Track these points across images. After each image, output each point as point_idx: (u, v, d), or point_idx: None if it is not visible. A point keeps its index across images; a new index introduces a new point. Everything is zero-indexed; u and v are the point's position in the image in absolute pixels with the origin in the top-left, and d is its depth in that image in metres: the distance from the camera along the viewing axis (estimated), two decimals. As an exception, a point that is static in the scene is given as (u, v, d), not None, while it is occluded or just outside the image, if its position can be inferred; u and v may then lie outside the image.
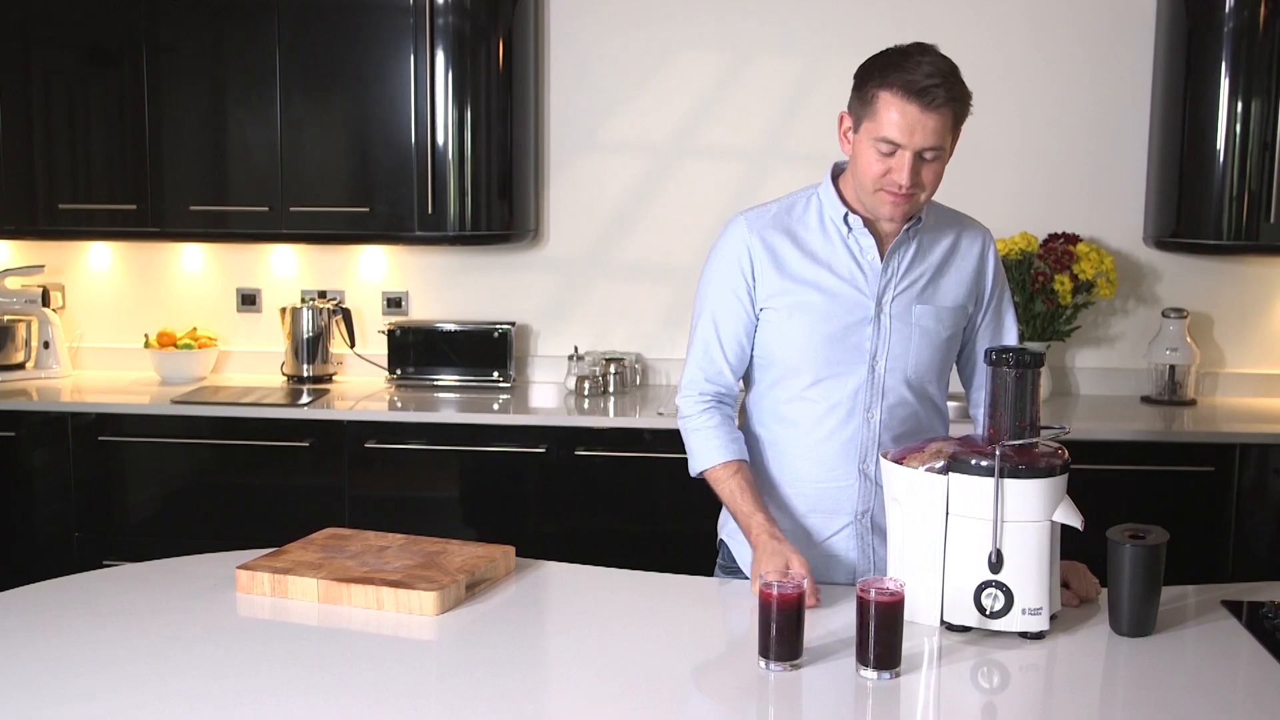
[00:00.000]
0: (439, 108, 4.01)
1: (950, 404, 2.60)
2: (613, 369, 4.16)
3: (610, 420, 3.85)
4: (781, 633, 1.91)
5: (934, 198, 2.44)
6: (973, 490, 2.02)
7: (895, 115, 2.17)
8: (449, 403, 4.03)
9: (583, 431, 3.82)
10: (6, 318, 4.36)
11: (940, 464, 2.05)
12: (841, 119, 2.32)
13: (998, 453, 2.00)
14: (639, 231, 4.34)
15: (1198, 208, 3.91)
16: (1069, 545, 2.15)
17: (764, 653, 1.93)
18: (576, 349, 4.25)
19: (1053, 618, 2.10)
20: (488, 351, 4.25)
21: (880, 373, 2.33)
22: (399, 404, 4.03)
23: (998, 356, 2.06)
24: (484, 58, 4.08)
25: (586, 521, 3.85)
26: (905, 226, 2.31)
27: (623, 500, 3.85)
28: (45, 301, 4.37)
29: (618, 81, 4.29)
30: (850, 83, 4.25)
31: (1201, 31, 3.87)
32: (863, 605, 1.90)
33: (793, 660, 1.92)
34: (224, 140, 4.13)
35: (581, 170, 4.35)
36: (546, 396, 4.17)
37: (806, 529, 2.36)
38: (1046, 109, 4.16)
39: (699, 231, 4.28)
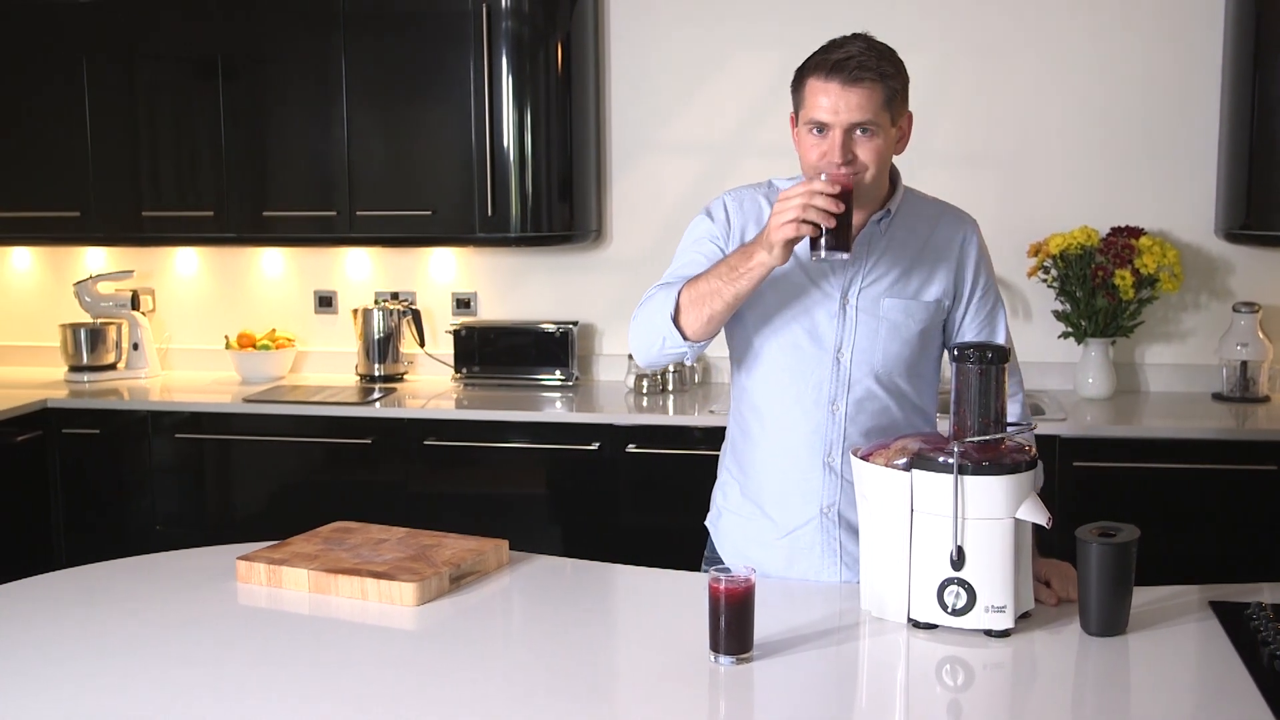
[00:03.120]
0: (499, 111, 4.09)
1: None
2: (671, 367, 4.20)
3: (661, 418, 3.89)
4: (730, 626, 1.93)
5: (929, 190, 2.43)
6: (935, 487, 2.01)
7: (820, 96, 2.19)
8: (510, 401, 4.11)
9: (635, 429, 3.87)
10: (99, 321, 4.57)
11: (904, 461, 2.04)
12: (791, 121, 2.31)
13: (956, 449, 1.99)
14: (700, 230, 4.36)
15: (1269, 198, 3.79)
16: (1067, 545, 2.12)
17: (714, 646, 1.95)
18: (636, 347, 4.28)
19: (1025, 616, 2.08)
20: (551, 350, 4.32)
21: (846, 365, 2.30)
22: (465, 403, 4.12)
23: (960, 352, 2.04)
24: (543, 61, 4.15)
25: (637, 518, 3.89)
26: (875, 218, 2.30)
27: (672, 497, 3.87)
28: (135, 305, 4.58)
29: (677, 82, 4.33)
30: (912, 75, 4.24)
31: (1271, 15, 3.74)
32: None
33: (742, 654, 1.94)
34: (293, 147, 4.28)
35: (643, 170, 4.39)
36: (607, 395, 4.22)
37: (772, 520, 2.35)
38: (1111, 98, 4.08)
39: (759, 229, 4.30)
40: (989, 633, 2.02)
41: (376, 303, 4.47)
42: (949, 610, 2.02)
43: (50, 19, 4.32)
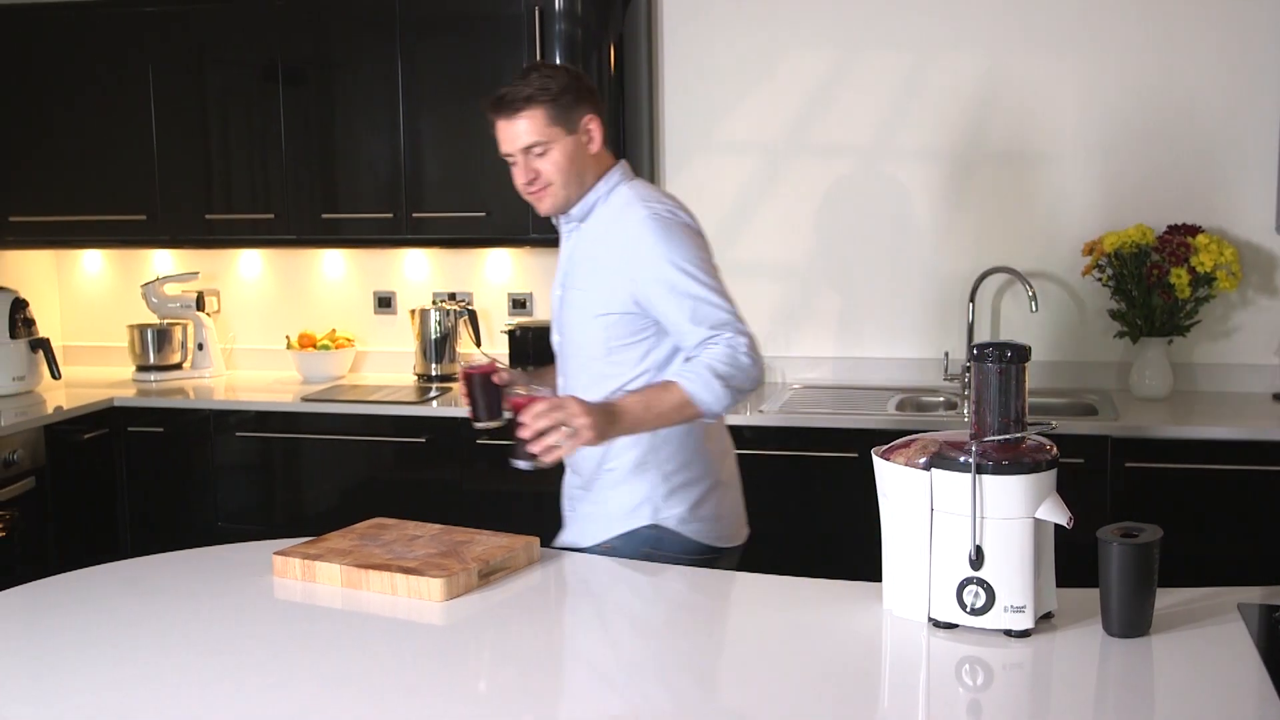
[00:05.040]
0: (553, 114, 4.13)
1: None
2: (723, 367, 4.20)
3: (711, 417, 3.89)
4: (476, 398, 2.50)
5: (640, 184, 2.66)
6: (954, 486, 2.01)
7: (497, 132, 2.56)
8: (562, 400, 4.13)
9: (684, 428, 3.88)
10: (165, 321, 4.69)
11: (924, 459, 2.04)
12: None
13: (974, 449, 1.98)
14: (754, 230, 4.38)
15: (1331, 194, 3.72)
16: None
17: (474, 418, 2.55)
18: (689, 347, 4.30)
19: (1049, 616, 2.07)
20: (604, 350, 4.34)
21: (561, 342, 2.70)
22: (518, 402, 4.16)
23: (979, 351, 2.04)
24: (595, 63, 4.18)
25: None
26: (564, 219, 2.65)
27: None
28: (200, 306, 4.68)
29: (730, 82, 4.34)
30: (961, 75, 4.23)
31: (1332, 8, 3.68)
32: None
33: (493, 420, 2.49)
34: (351, 151, 4.35)
35: (696, 171, 4.40)
36: (659, 394, 4.23)
37: None
38: (1168, 95, 4.01)
39: (813, 229, 4.30)
40: (1009, 633, 2.01)
41: (434, 303, 4.53)
42: (968, 610, 2.02)
43: (117, 27, 4.43)
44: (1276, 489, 3.50)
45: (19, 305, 4.39)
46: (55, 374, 4.45)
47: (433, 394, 4.26)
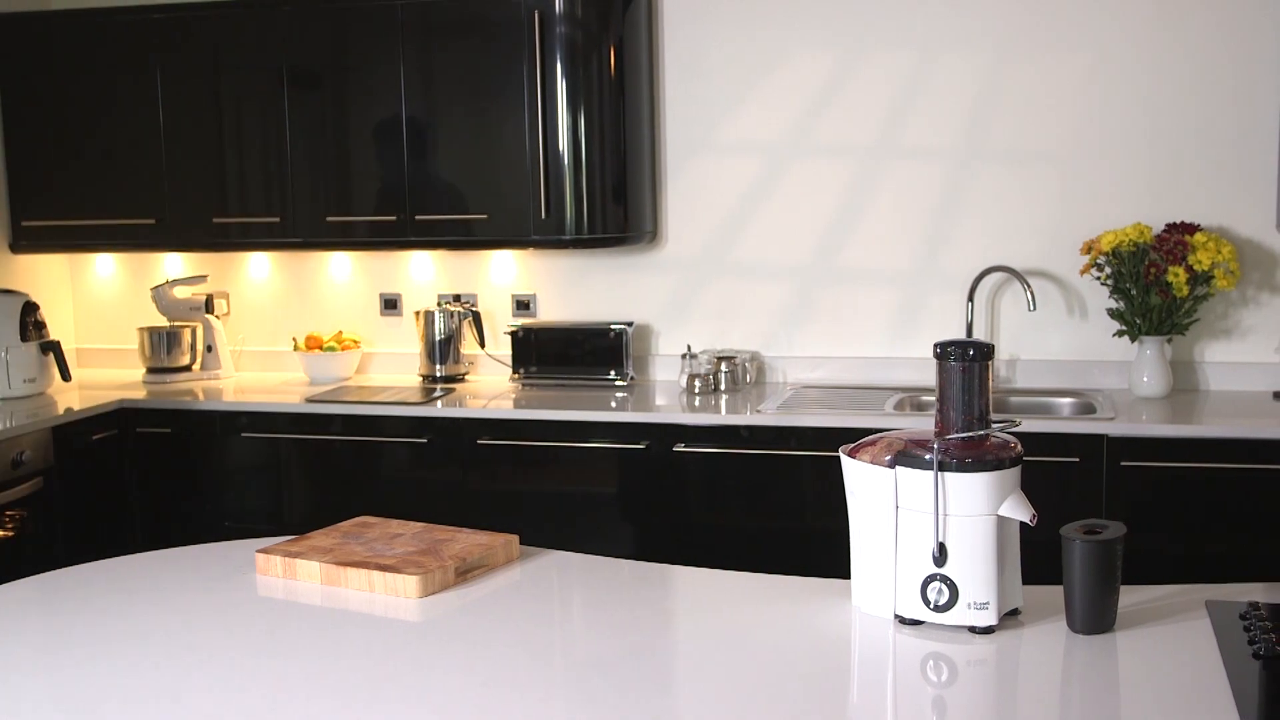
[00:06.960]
0: (554, 116, 4.16)
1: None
2: (723, 367, 4.23)
3: (710, 417, 3.91)
4: None
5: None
6: (919, 484, 2.02)
7: None
8: (564, 401, 4.17)
9: (683, 428, 3.90)
10: (175, 324, 4.74)
11: (889, 457, 2.06)
12: None
13: (936, 446, 2.00)
14: (756, 230, 4.39)
15: (1330, 192, 3.71)
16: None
17: None
18: (689, 348, 4.33)
19: (1015, 613, 2.08)
20: (606, 351, 4.37)
21: None
22: (521, 403, 4.20)
23: (943, 350, 2.05)
24: (596, 65, 4.21)
25: (682, 516, 3.93)
26: None
27: (718, 496, 3.91)
28: (209, 308, 4.74)
29: (731, 83, 4.35)
30: (960, 75, 4.24)
31: (1330, 5, 3.66)
32: None
33: None
34: (355, 154, 4.39)
35: (698, 171, 4.42)
36: (660, 395, 4.26)
37: None
38: (1166, 93, 4.01)
39: (816, 229, 4.32)
40: (972, 629, 2.03)
41: (439, 305, 4.56)
42: (931, 606, 2.03)
43: (127, 34, 4.50)
44: (1275, 488, 3.49)
45: (30, 309, 4.45)
46: (65, 376, 4.51)
47: (436, 395, 4.30)
